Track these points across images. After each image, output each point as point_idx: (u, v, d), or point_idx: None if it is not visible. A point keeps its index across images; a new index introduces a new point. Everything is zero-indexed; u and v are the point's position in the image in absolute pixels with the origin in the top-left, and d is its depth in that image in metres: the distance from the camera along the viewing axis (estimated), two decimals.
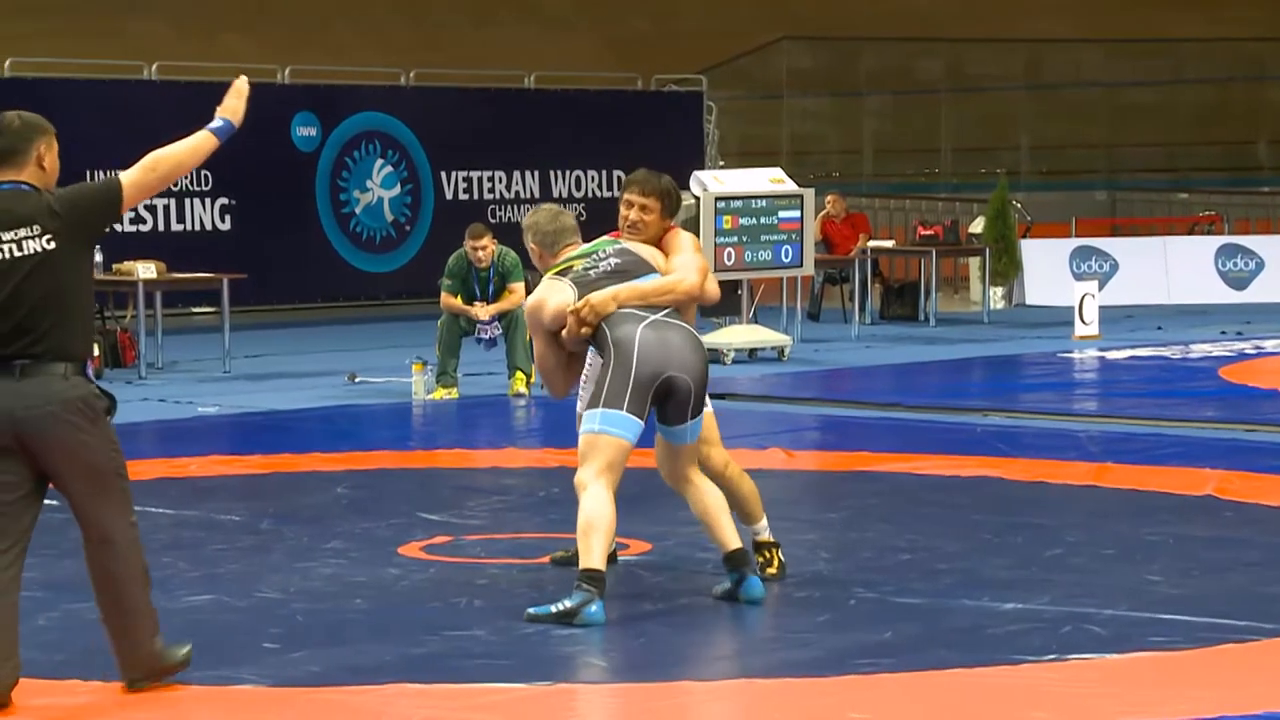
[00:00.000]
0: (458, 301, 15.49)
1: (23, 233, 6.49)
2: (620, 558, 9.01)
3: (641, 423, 7.96)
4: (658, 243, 8.31)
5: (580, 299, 8.04)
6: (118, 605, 6.73)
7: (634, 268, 8.15)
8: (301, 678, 6.99)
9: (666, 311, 8.07)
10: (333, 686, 6.88)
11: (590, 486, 7.88)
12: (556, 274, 8.23)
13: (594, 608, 7.67)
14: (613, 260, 8.18)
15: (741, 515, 8.51)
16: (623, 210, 8.34)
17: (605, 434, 7.89)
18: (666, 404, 8.00)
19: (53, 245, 6.49)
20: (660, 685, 6.93)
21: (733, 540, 8.10)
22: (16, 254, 6.48)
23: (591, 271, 8.15)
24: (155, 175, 6.87)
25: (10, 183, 6.57)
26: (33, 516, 6.71)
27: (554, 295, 8.15)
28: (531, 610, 7.76)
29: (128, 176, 6.78)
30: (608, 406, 7.89)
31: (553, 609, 7.71)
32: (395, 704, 6.67)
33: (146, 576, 6.78)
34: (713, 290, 8.35)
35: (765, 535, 8.55)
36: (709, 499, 8.15)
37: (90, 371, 6.63)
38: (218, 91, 7.30)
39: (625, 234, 8.31)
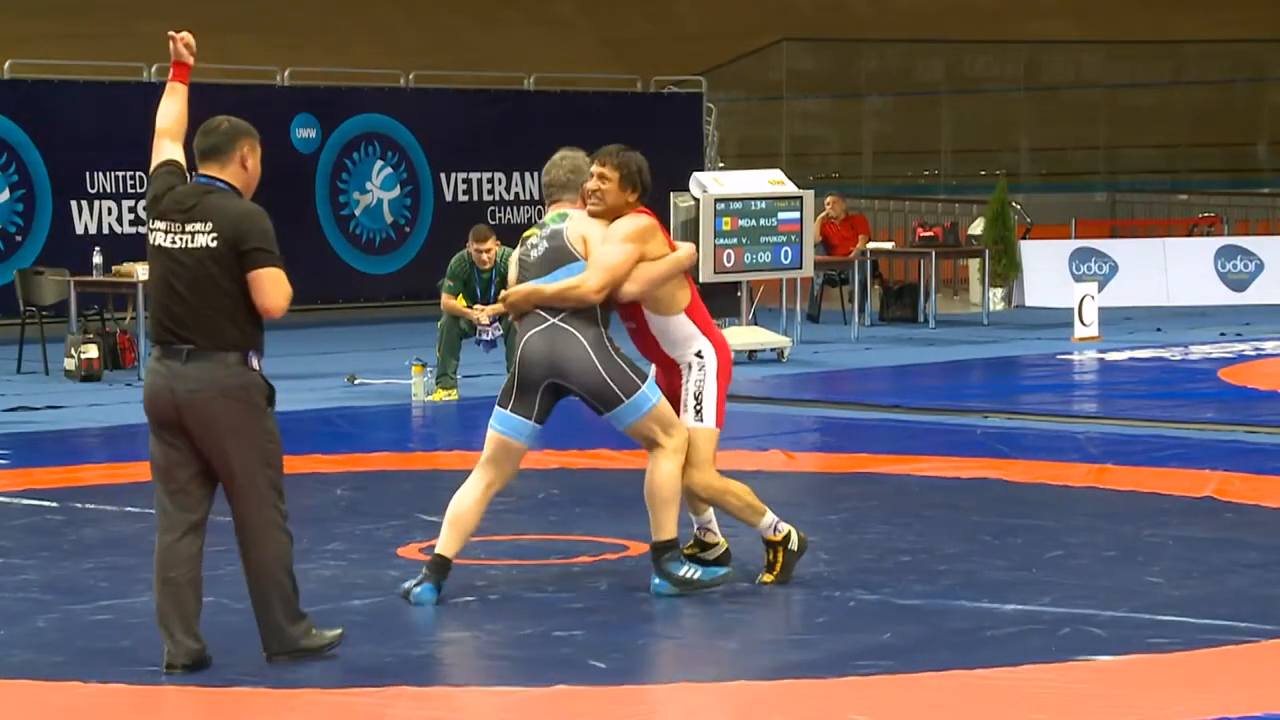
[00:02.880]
0: (458, 303, 15.48)
1: (198, 226, 6.91)
2: (619, 559, 9.02)
3: (528, 422, 8.26)
4: (614, 218, 8.34)
5: (512, 285, 8.43)
6: (254, 585, 7.07)
7: (559, 256, 8.28)
8: (301, 679, 6.98)
9: (564, 315, 8.21)
10: (332, 689, 6.88)
11: (470, 477, 8.37)
12: (520, 244, 8.55)
13: (420, 588, 8.16)
14: (544, 245, 8.37)
15: (749, 524, 8.52)
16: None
17: (490, 429, 8.35)
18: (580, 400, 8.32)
19: (215, 244, 6.88)
20: (659, 687, 6.94)
21: (654, 531, 8.24)
22: (191, 245, 6.91)
23: (532, 253, 8.40)
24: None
25: (208, 177, 7.04)
26: (206, 496, 7.07)
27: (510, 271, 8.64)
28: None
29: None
30: (498, 404, 8.37)
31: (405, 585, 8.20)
32: (394, 706, 6.66)
33: (285, 561, 7.07)
34: (627, 290, 8.26)
35: (771, 534, 8.55)
36: (648, 481, 8.27)
37: (254, 362, 6.95)
38: (219, 93, 7.50)
39: (588, 202, 8.38)
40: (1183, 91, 38.80)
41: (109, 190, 22.60)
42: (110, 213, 22.60)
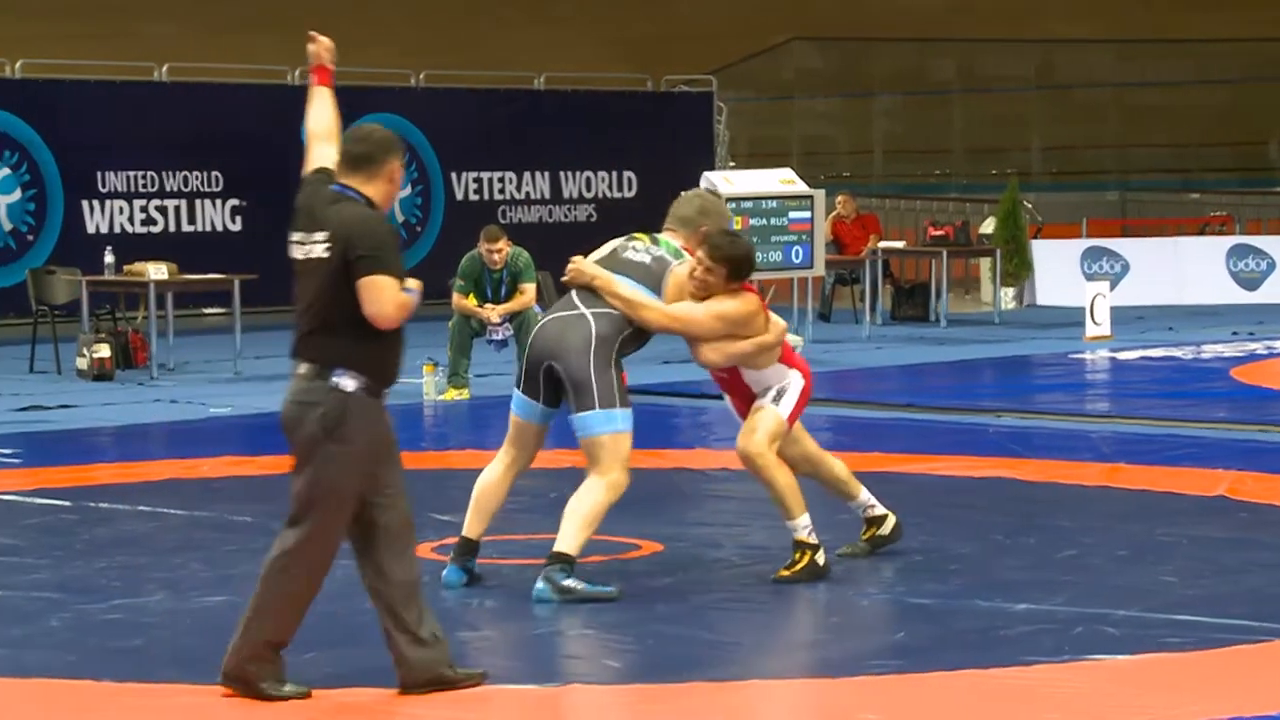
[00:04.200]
0: (469, 302, 15.49)
1: (319, 236, 6.62)
2: (632, 559, 9.01)
3: (535, 403, 8.38)
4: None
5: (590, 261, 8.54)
6: (259, 594, 6.75)
7: (648, 278, 8.43)
8: (315, 679, 6.97)
9: (594, 315, 8.31)
10: (346, 688, 6.87)
11: (493, 459, 8.58)
12: (626, 238, 8.66)
13: (446, 571, 8.43)
14: (648, 259, 8.51)
15: (782, 515, 8.63)
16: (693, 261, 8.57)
17: (510, 411, 8.52)
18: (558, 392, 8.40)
19: (328, 254, 6.59)
20: (672, 686, 6.93)
21: (558, 540, 8.23)
22: (311, 256, 6.63)
23: (632, 255, 8.53)
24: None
25: (343, 186, 6.71)
26: (359, 513, 6.71)
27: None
28: None
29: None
30: (514, 385, 8.53)
31: None
32: (408, 705, 6.66)
33: (293, 585, 6.71)
34: (710, 358, 8.53)
35: (804, 535, 8.57)
36: (575, 497, 8.33)
37: (344, 382, 6.58)
38: (228, 92, 7.36)
39: (692, 282, 8.48)
40: (1194, 91, 38.75)
41: (120, 190, 22.61)
42: (122, 212, 22.62)
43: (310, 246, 6.64)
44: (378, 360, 6.66)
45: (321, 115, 7.07)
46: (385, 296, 6.55)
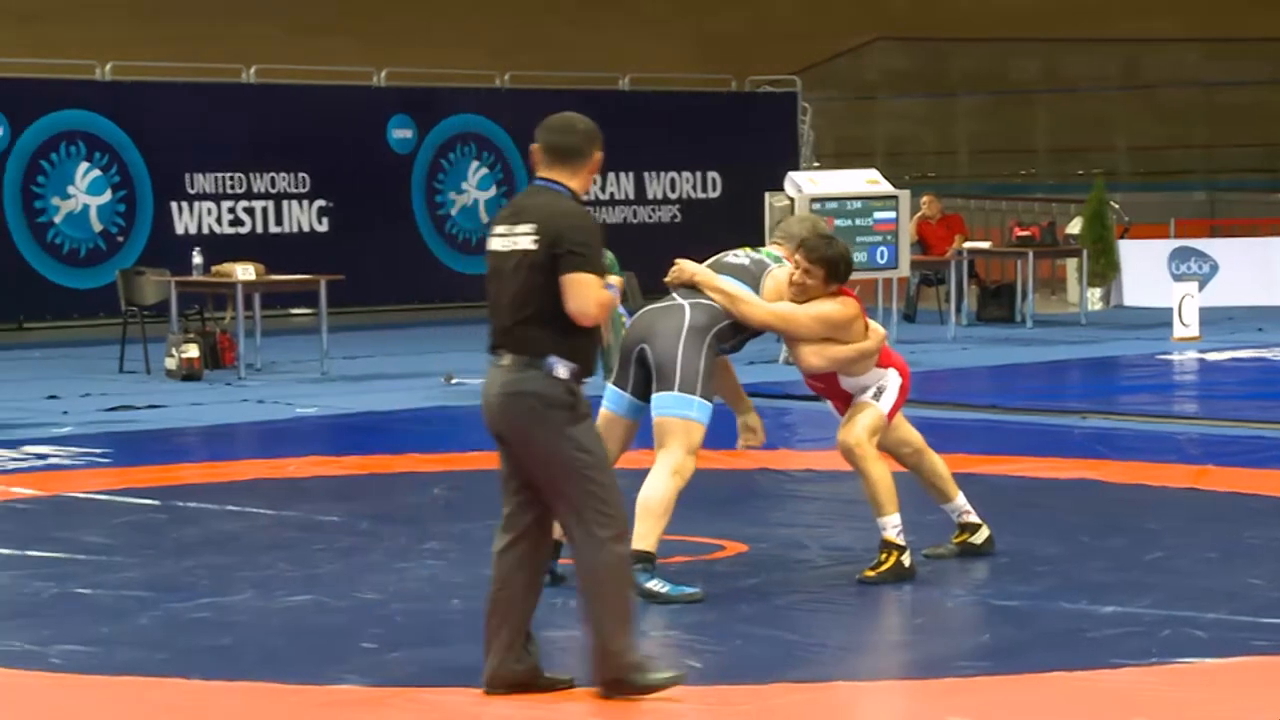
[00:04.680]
0: None
1: (524, 229, 6.63)
2: (715, 560, 9.02)
3: (623, 393, 8.38)
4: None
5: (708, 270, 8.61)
6: (579, 601, 6.74)
7: (748, 279, 8.51)
8: (399, 678, 7.02)
9: (690, 305, 8.37)
10: (430, 687, 6.91)
11: None
12: (729, 252, 8.76)
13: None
14: (748, 262, 8.61)
15: (873, 510, 8.65)
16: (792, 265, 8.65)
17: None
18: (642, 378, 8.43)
19: (535, 246, 6.60)
20: (755, 687, 6.93)
21: (634, 539, 8.14)
22: (515, 248, 6.63)
23: (731, 260, 8.62)
24: None
25: (545, 179, 6.74)
26: (532, 505, 6.75)
27: None
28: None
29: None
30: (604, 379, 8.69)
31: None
32: (492, 705, 6.69)
33: (601, 575, 6.65)
34: (813, 362, 8.56)
35: (892, 535, 8.57)
36: (644, 491, 8.34)
37: (560, 370, 6.61)
38: (314, 93, 7.37)
39: (791, 288, 8.55)
40: None
41: (209, 191, 22.79)
42: (210, 213, 22.79)
43: (515, 238, 6.65)
44: (584, 350, 6.71)
45: None
46: (589, 294, 6.58)
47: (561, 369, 6.61)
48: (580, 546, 6.66)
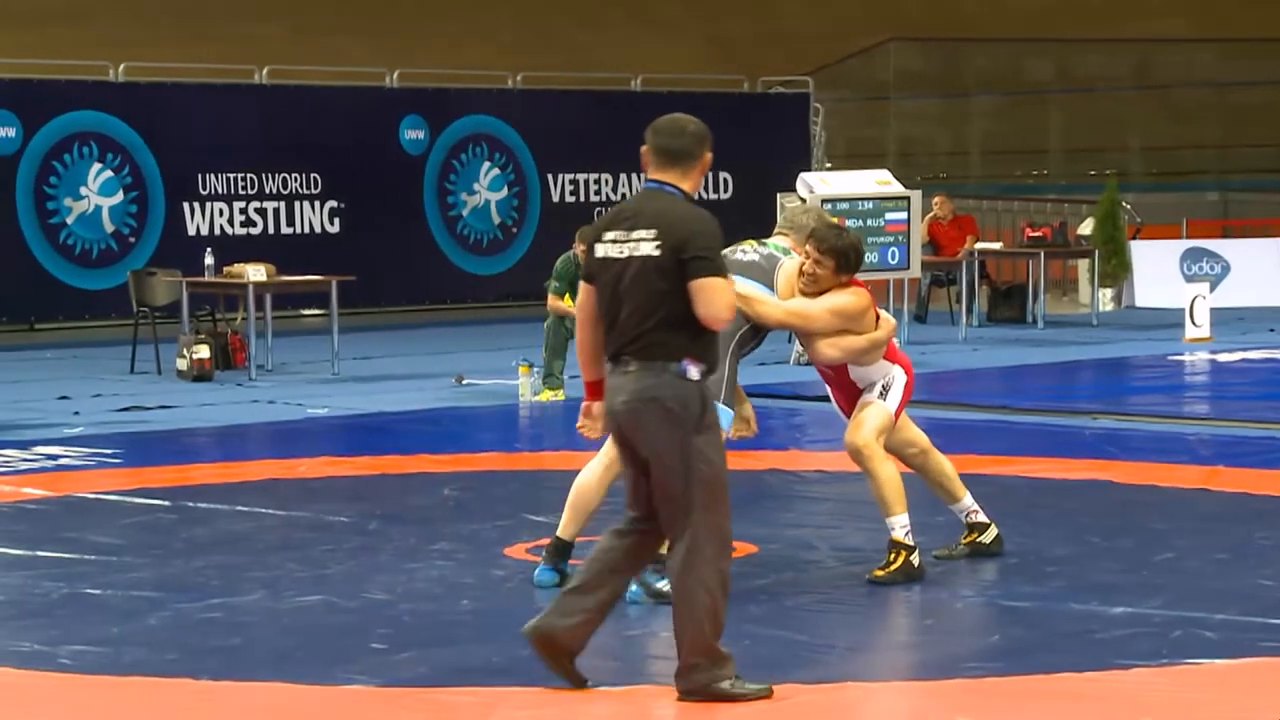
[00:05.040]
0: (565, 304, 15.52)
1: (643, 234, 6.63)
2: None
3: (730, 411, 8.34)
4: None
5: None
6: (675, 605, 6.72)
7: (760, 276, 8.49)
8: (409, 678, 7.03)
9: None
10: (440, 687, 6.91)
11: (592, 459, 8.58)
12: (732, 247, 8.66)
13: (538, 571, 8.45)
14: (757, 258, 8.58)
15: (881, 510, 8.65)
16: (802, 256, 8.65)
17: None
18: None
19: (659, 252, 6.60)
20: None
21: None
22: (635, 254, 6.62)
23: (741, 257, 8.55)
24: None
25: (658, 182, 6.75)
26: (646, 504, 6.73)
27: None
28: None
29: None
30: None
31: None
32: (502, 706, 6.69)
33: (705, 583, 6.64)
34: (829, 354, 8.58)
35: (900, 535, 8.58)
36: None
37: (692, 373, 6.60)
38: (326, 95, 7.34)
39: (801, 280, 8.55)
40: None
41: (221, 192, 22.81)
42: (222, 214, 22.81)
43: (635, 244, 6.64)
44: (711, 353, 6.71)
45: None
46: (720, 299, 6.59)
47: (694, 371, 6.61)
48: (684, 556, 6.63)
